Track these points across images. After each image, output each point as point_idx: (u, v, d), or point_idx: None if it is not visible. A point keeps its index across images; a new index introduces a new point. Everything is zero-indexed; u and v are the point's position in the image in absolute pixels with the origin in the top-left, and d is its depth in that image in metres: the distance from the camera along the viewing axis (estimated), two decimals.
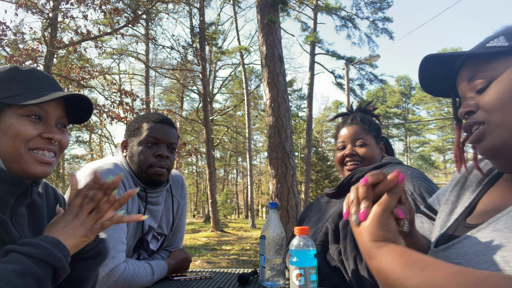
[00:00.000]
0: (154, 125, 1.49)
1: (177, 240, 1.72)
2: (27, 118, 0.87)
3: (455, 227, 0.80)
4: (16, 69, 0.92)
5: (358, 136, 1.54)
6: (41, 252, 0.76)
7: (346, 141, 1.56)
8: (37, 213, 0.97)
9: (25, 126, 0.86)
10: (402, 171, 1.30)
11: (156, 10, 11.11)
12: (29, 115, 0.87)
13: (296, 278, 0.96)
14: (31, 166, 0.87)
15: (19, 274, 0.71)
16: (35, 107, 0.88)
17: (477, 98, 0.75)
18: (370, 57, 16.30)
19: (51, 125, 0.91)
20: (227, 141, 32.06)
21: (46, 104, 0.89)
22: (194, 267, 7.18)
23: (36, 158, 0.87)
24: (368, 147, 1.52)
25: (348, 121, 1.60)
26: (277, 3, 8.37)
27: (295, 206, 7.48)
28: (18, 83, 0.90)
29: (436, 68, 0.83)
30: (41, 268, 0.75)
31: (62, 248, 0.80)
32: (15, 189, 0.86)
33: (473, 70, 0.76)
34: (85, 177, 1.36)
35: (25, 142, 0.86)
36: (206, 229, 17.24)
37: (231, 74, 26.62)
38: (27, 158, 0.86)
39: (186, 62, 15.02)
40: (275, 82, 7.92)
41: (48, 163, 0.89)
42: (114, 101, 9.39)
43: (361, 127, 1.56)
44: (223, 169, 40.92)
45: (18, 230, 0.87)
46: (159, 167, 1.45)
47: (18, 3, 7.65)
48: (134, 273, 1.32)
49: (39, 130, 0.88)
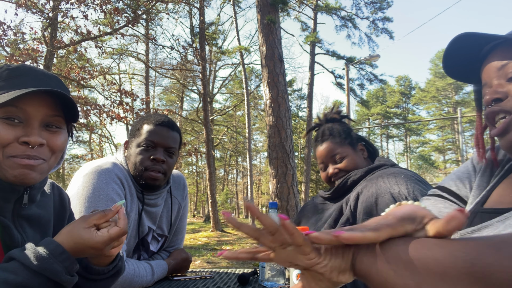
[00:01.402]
0: (153, 128, 1.47)
1: (178, 240, 1.71)
2: (3, 120, 0.78)
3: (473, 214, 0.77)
4: (2, 67, 0.84)
5: (334, 153, 1.52)
6: (37, 265, 0.72)
7: (325, 161, 1.55)
8: (44, 214, 0.95)
9: (1, 130, 0.77)
10: (396, 173, 1.30)
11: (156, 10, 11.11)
12: (7, 117, 0.78)
13: (296, 278, 0.96)
14: (12, 172, 0.79)
15: (12, 286, 0.69)
16: (13, 108, 0.78)
17: (507, 86, 0.72)
18: (370, 57, 16.29)
19: (32, 127, 0.80)
20: (227, 141, 32.05)
21: (25, 103, 0.79)
22: (194, 267, 7.18)
23: (15, 162, 0.79)
24: (348, 159, 1.51)
25: (319, 139, 1.58)
26: (277, 3, 8.37)
27: (295, 206, 7.48)
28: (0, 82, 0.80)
29: (465, 49, 0.79)
30: (38, 278, 0.72)
31: (64, 258, 0.76)
32: (8, 195, 0.81)
33: (506, 56, 0.72)
34: (83, 176, 1.35)
35: (2, 148, 0.78)
36: (206, 229, 17.24)
37: (231, 74, 26.61)
38: (7, 164, 0.79)
39: (186, 62, 15.02)
40: (275, 82, 7.92)
41: (30, 166, 0.80)
42: (114, 101, 9.39)
43: (332, 142, 1.54)
44: (223, 169, 40.91)
45: (21, 232, 0.86)
46: (153, 171, 1.43)
47: (18, 3, 7.65)
48: (134, 273, 1.32)
49: (17, 134, 0.79)
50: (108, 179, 1.35)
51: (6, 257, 0.75)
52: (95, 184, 1.33)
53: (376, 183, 1.30)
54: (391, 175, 1.31)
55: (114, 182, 1.37)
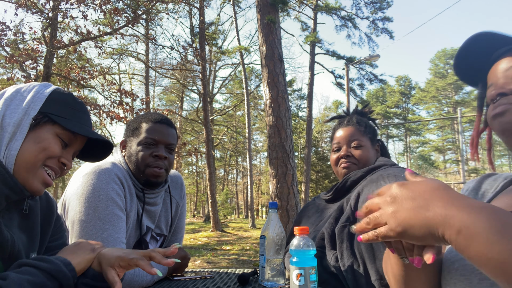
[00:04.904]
0: (152, 126, 1.48)
1: (177, 240, 1.71)
2: (60, 139, 0.96)
3: None
4: (71, 96, 1.03)
5: (354, 138, 1.53)
6: (52, 268, 0.83)
7: (342, 142, 1.55)
8: (31, 217, 1.00)
9: (55, 144, 0.95)
10: (396, 173, 1.30)
11: (156, 10, 11.10)
12: (62, 138, 0.97)
13: (296, 278, 0.96)
14: (35, 182, 0.92)
15: (32, 285, 0.77)
16: (70, 134, 0.98)
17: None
18: (370, 57, 16.29)
19: (69, 153, 1.00)
20: (227, 141, 32.06)
21: (78, 136, 1.00)
22: (194, 267, 7.18)
23: (43, 178, 0.94)
24: (363, 149, 1.51)
25: (344, 123, 1.59)
26: (277, 3, 8.37)
27: (295, 206, 7.48)
28: (69, 109, 0.99)
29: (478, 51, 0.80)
30: (51, 282, 0.81)
31: (71, 269, 0.87)
32: (12, 195, 0.89)
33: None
34: (83, 177, 1.35)
35: (47, 158, 0.93)
36: (206, 229, 17.24)
37: (231, 74, 26.63)
38: (38, 173, 0.93)
39: (186, 62, 15.02)
40: (275, 82, 7.92)
41: (47, 184, 0.96)
42: (114, 101, 9.38)
43: (356, 128, 1.55)
44: (223, 169, 40.92)
45: (9, 231, 0.89)
46: (156, 168, 1.45)
47: (18, 3, 7.65)
48: (134, 273, 1.31)
49: (61, 154, 0.97)
50: (108, 179, 1.35)
51: (16, 264, 0.83)
52: (95, 184, 1.33)
53: (377, 183, 1.30)
54: (392, 175, 1.31)
55: (114, 182, 1.37)
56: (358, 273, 1.18)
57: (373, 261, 1.16)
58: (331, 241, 1.31)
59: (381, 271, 1.13)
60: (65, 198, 1.37)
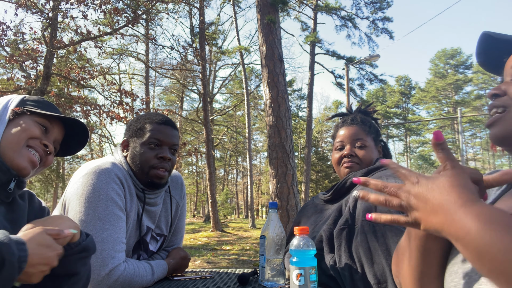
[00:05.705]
0: (157, 127, 1.48)
1: (177, 240, 1.71)
2: (39, 125, 1.09)
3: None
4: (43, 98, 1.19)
5: (358, 137, 1.50)
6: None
7: (345, 141, 1.52)
8: (17, 212, 1.05)
9: (35, 127, 1.07)
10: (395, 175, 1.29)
11: (156, 10, 11.09)
12: (41, 124, 1.10)
13: (296, 278, 0.96)
14: (21, 159, 1.02)
15: None
16: (47, 121, 1.11)
17: (509, 84, 0.75)
18: (370, 57, 16.29)
19: (50, 138, 1.12)
20: (227, 141, 32.07)
21: (54, 123, 1.13)
22: (194, 267, 7.18)
23: (28, 156, 1.03)
24: (367, 149, 1.49)
25: (348, 121, 1.56)
26: (277, 3, 8.37)
27: (295, 206, 7.48)
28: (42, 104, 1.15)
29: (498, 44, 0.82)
30: None
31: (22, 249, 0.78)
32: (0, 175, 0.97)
33: None
34: (83, 177, 1.35)
35: (28, 138, 1.04)
36: (206, 229, 17.25)
37: (231, 74, 26.64)
38: (23, 152, 1.03)
39: (186, 62, 15.00)
40: (275, 82, 7.92)
41: (33, 162, 1.04)
42: (114, 101, 9.37)
43: (361, 128, 1.52)
44: (223, 169, 40.92)
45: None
46: (161, 169, 1.45)
47: (18, 3, 7.64)
48: (134, 273, 1.31)
49: (41, 136, 1.09)
50: (107, 179, 1.35)
51: None
52: (95, 184, 1.33)
53: None
54: (391, 176, 1.30)
55: (113, 182, 1.36)
56: (356, 276, 1.17)
57: (371, 265, 1.15)
58: (329, 244, 1.30)
59: (379, 275, 1.12)
60: (65, 198, 1.37)
